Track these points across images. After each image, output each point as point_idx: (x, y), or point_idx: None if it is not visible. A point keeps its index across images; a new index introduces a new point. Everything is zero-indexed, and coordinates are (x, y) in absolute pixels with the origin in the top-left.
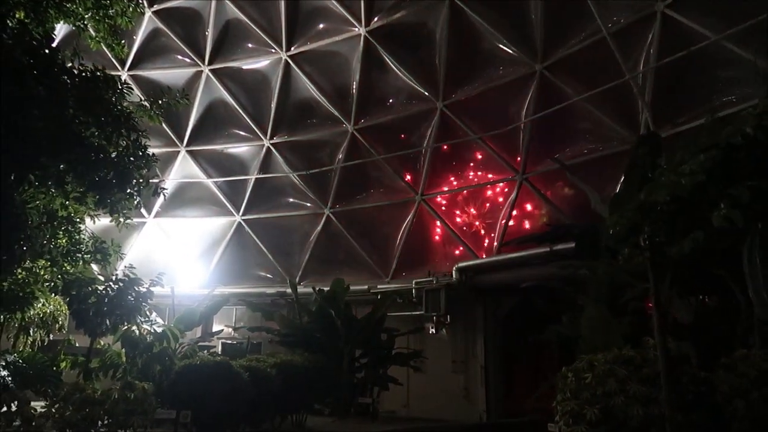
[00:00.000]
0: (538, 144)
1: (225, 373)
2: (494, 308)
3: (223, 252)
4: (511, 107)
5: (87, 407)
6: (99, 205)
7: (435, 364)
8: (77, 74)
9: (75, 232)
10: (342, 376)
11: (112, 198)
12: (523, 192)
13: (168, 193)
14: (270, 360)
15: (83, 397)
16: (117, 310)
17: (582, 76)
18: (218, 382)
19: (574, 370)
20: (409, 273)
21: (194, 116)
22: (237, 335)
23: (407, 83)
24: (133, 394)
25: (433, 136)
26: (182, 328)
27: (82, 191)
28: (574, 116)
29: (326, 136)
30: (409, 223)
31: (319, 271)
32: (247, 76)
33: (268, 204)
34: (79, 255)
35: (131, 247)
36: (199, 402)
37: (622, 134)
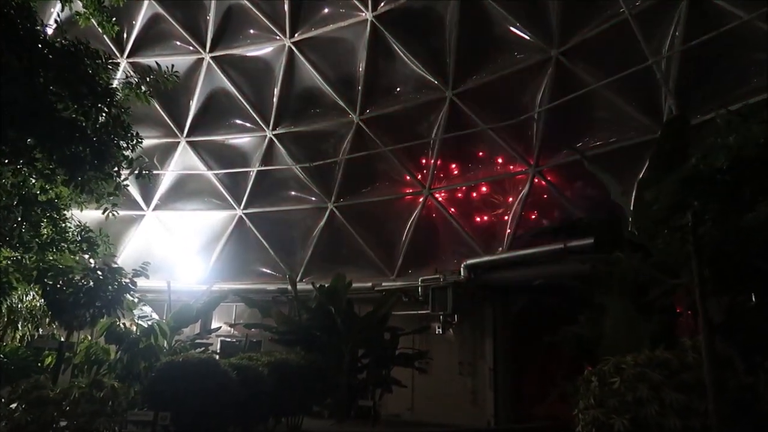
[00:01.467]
0: (552, 135)
1: (211, 372)
2: (504, 308)
3: (224, 247)
4: (525, 96)
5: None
6: (69, 183)
7: (441, 365)
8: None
9: (60, 219)
10: (342, 376)
11: (84, 176)
12: (536, 186)
13: (167, 185)
14: (264, 358)
15: (37, 396)
16: (96, 302)
17: (601, 62)
18: (203, 381)
19: (599, 373)
20: (416, 270)
21: (195, 106)
22: (237, 333)
23: (415, 71)
24: (101, 393)
25: (441, 127)
26: (177, 324)
27: (52, 168)
28: (591, 105)
29: (331, 126)
30: (415, 219)
31: (322, 267)
32: (249, 64)
33: (270, 197)
34: (64, 244)
35: (129, 241)
36: (182, 402)
37: (644, 124)
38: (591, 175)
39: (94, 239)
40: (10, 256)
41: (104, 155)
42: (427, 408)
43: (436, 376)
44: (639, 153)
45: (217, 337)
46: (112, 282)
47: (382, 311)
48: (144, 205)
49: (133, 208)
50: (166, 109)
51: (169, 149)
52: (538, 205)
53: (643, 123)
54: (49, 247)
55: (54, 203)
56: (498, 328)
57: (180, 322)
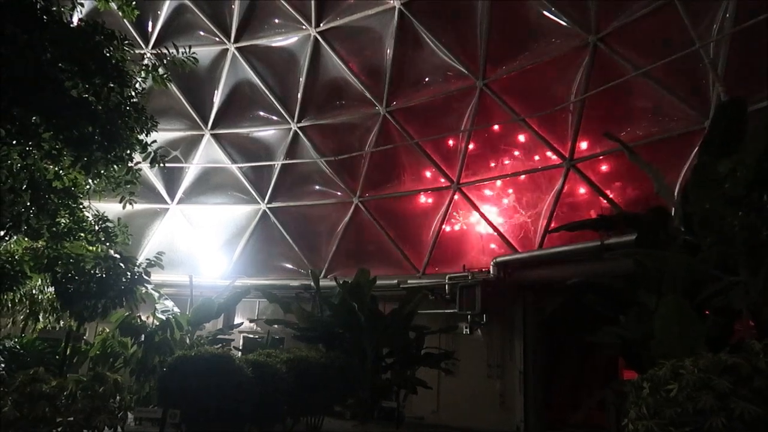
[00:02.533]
0: (589, 126)
1: (224, 368)
2: (535, 307)
3: (247, 241)
4: (560, 85)
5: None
6: (75, 164)
7: (468, 367)
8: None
9: (77, 208)
10: (365, 376)
11: (91, 157)
12: (571, 180)
13: (191, 178)
14: (282, 356)
15: (31, 390)
16: (109, 292)
17: (642, 48)
18: (216, 377)
19: (652, 379)
20: (443, 268)
21: (219, 97)
22: (259, 329)
23: (444, 60)
24: (102, 388)
25: (471, 119)
26: (198, 319)
27: (58, 148)
28: (632, 94)
29: (356, 118)
30: (443, 214)
31: (346, 263)
32: (274, 54)
33: (294, 192)
34: (82, 234)
35: (153, 234)
36: (193, 399)
37: (689, 114)
38: (630, 169)
39: (112, 229)
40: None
41: (114, 136)
42: (453, 411)
43: (463, 378)
44: (683, 145)
45: (240, 334)
46: (124, 272)
47: (408, 309)
48: (168, 198)
49: (157, 201)
50: (190, 101)
51: (194, 142)
52: (572, 200)
53: (688, 113)
54: (66, 237)
55: (71, 191)
56: (529, 328)
57: (201, 317)
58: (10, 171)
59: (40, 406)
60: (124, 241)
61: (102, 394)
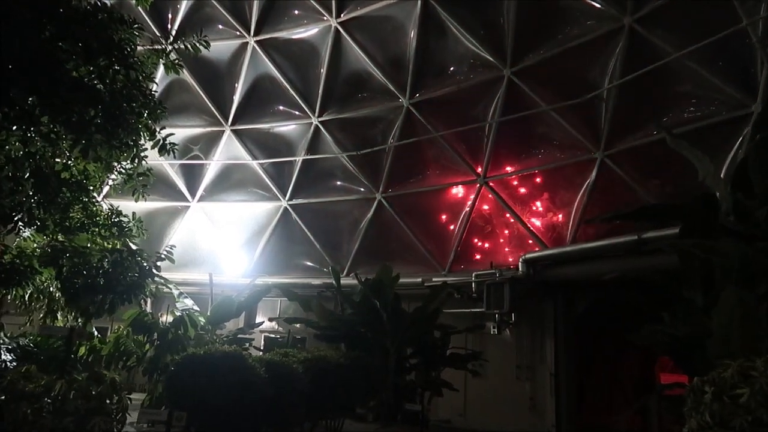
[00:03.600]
0: (624, 115)
1: (236, 367)
2: (567, 306)
3: (268, 239)
4: (592, 72)
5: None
6: (73, 147)
7: (497, 368)
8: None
9: (90, 202)
10: (387, 377)
11: (90, 140)
12: (604, 172)
13: (212, 175)
14: (300, 355)
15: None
16: (117, 287)
17: (682, 29)
18: (226, 377)
19: (716, 382)
20: (469, 265)
21: (239, 93)
22: (281, 329)
23: (470, 49)
24: (99, 388)
25: (498, 110)
26: (217, 318)
27: (57, 131)
28: (671, 78)
29: (379, 112)
30: (469, 210)
31: (369, 261)
32: (294, 47)
33: (315, 188)
34: (96, 229)
35: (174, 233)
36: (202, 400)
37: (734, 97)
38: (669, 159)
39: (126, 224)
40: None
41: (118, 120)
42: (481, 414)
43: (491, 380)
44: (729, 131)
45: (261, 333)
46: (132, 266)
47: (432, 307)
48: (189, 195)
49: (178, 199)
50: (210, 96)
51: (214, 138)
52: (606, 193)
53: (734, 96)
54: (78, 232)
55: (83, 185)
56: (560, 328)
57: (221, 315)
58: (9, 158)
59: (21, 407)
60: (139, 235)
61: (98, 394)
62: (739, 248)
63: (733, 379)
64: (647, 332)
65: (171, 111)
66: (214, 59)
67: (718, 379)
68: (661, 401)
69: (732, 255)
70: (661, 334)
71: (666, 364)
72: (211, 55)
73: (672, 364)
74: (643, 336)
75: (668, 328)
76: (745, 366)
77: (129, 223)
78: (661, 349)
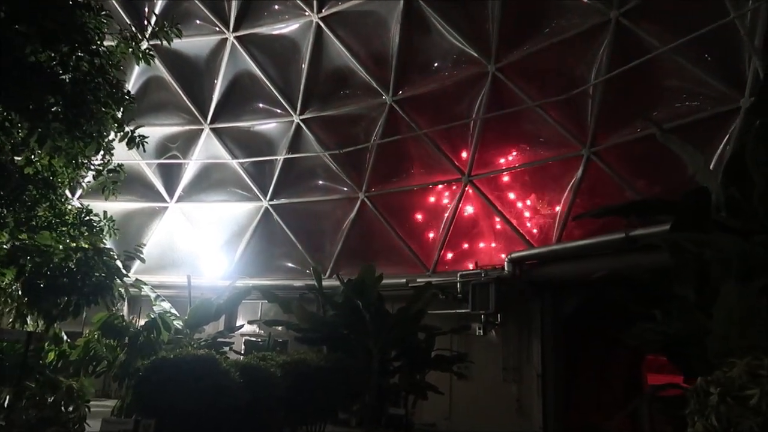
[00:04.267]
0: (611, 110)
1: (208, 371)
2: (554, 306)
3: (249, 240)
4: (578, 67)
5: None
6: (30, 136)
7: (483, 370)
8: None
9: (57, 200)
10: (371, 380)
11: (48, 129)
12: (591, 169)
13: (191, 175)
14: (279, 358)
15: None
16: (84, 288)
17: (669, 22)
18: (198, 382)
19: (721, 382)
20: (454, 265)
21: (218, 90)
22: (262, 332)
23: (454, 44)
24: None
25: (483, 106)
26: (195, 321)
27: (11, 119)
28: (658, 73)
29: (362, 109)
30: (454, 209)
31: (352, 262)
32: (274, 43)
33: (297, 188)
34: (64, 228)
35: (152, 234)
36: (171, 407)
37: (722, 92)
38: (658, 156)
39: (96, 223)
40: None
41: (81, 109)
42: (467, 417)
43: (477, 382)
44: (717, 126)
45: (242, 337)
46: (99, 265)
47: (417, 307)
48: (167, 196)
49: (155, 199)
50: (188, 94)
51: (193, 137)
52: (593, 190)
53: (721, 91)
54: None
55: (49, 182)
56: (547, 328)
57: (199, 318)
58: None
59: None
60: (111, 235)
61: (53, 403)
62: (737, 242)
63: (740, 379)
64: (639, 331)
65: (148, 109)
66: (192, 56)
67: (724, 379)
68: (654, 403)
69: (729, 249)
70: (653, 333)
71: (652, 364)
72: (189, 51)
73: (658, 364)
74: (634, 334)
75: (660, 326)
76: (753, 364)
77: (100, 222)
78: (654, 348)
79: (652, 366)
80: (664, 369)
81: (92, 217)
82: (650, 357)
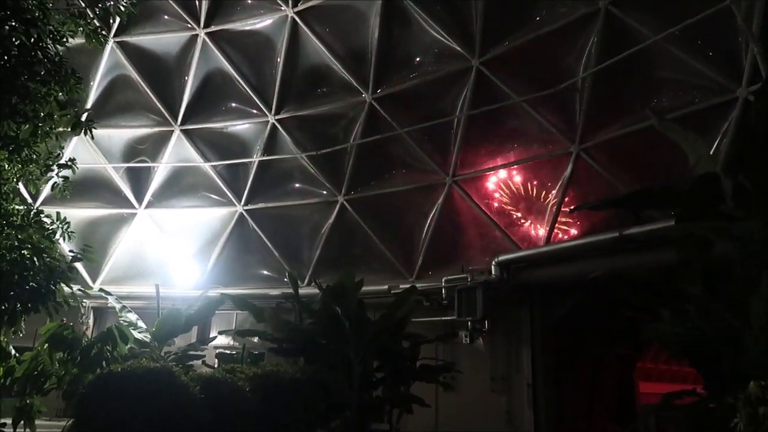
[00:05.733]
0: (600, 104)
1: (163, 387)
2: (545, 311)
3: (223, 248)
4: (566, 60)
5: None
6: None
7: (470, 380)
8: None
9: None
10: (351, 393)
11: None
12: (581, 167)
13: (161, 179)
14: (248, 370)
15: None
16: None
17: (660, 10)
18: (151, 400)
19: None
20: (438, 271)
21: (189, 90)
22: (237, 344)
23: (436, 39)
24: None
25: (467, 103)
26: (163, 333)
27: None
28: (650, 64)
29: (340, 108)
30: (437, 211)
31: (331, 270)
32: (248, 39)
33: (273, 192)
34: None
35: (120, 242)
36: (118, 428)
37: (718, 81)
38: (651, 151)
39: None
40: None
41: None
42: (455, 430)
43: (464, 393)
44: (713, 117)
45: (216, 349)
46: (39, 268)
47: (400, 313)
48: (135, 202)
49: (123, 206)
50: (157, 94)
51: (163, 139)
52: (582, 190)
53: (717, 81)
54: None
55: None
56: (537, 335)
57: (168, 331)
58: None
59: None
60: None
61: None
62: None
63: None
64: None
65: (115, 110)
66: (161, 53)
67: None
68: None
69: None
70: (671, 333)
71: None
72: (157, 49)
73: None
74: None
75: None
76: None
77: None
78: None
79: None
80: (654, 377)
81: (44, 218)
82: (641, 364)
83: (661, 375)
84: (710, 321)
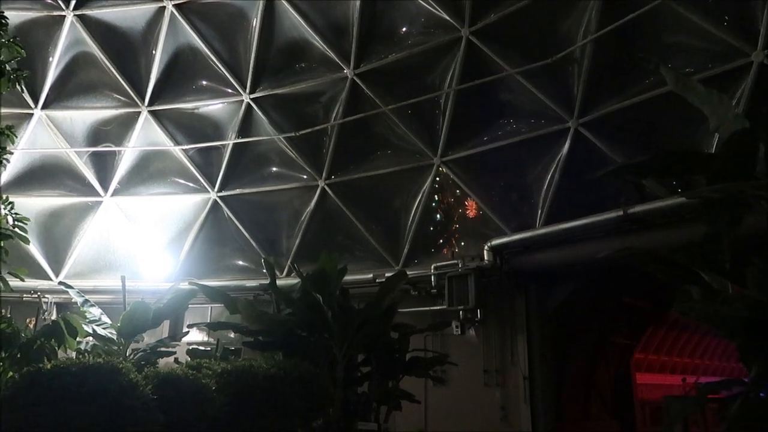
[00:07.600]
0: (601, 75)
1: (105, 386)
2: (541, 299)
3: (196, 237)
4: (563, 26)
5: None
6: None
7: (462, 374)
8: None
9: None
10: (335, 390)
11: None
12: (578, 142)
13: (128, 165)
14: (216, 367)
15: None
16: None
17: None
18: (88, 403)
19: None
20: (426, 258)
21: (157, 68)
22: (212, 339)
23: (422, 7)
24: None
25: (456, 77)
26: (129, 329)
27: None
28: (658, 28)
29: (320, 85)
30: (425, 194)
31: (312, 259)
32: (220, 11)
33: (249, 177)
34: None
35: (85, 233)
36: None
37: (731, 45)
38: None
39: None
40: None
41: None
42: (446, 428)
43: (455, 388)
44: (727, 83)
45: (189, 345)
46: None
47: (388, 301)
48: (101, 190)
49: (88, 194)
50: (122, 72)
51: (129, 121)
52: (581, 167)
53: (730, 44)
54: None
55: None
56: (533, 325)
57: (134, 326)
58: None
59: None
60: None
61: None
62: None
63: None
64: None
65: (76, 90)
66: (125, 28)
67: None
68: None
69: None
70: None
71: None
72: (121, 23)
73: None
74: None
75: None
76: None
77: None
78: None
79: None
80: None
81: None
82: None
83: (657, 366)
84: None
